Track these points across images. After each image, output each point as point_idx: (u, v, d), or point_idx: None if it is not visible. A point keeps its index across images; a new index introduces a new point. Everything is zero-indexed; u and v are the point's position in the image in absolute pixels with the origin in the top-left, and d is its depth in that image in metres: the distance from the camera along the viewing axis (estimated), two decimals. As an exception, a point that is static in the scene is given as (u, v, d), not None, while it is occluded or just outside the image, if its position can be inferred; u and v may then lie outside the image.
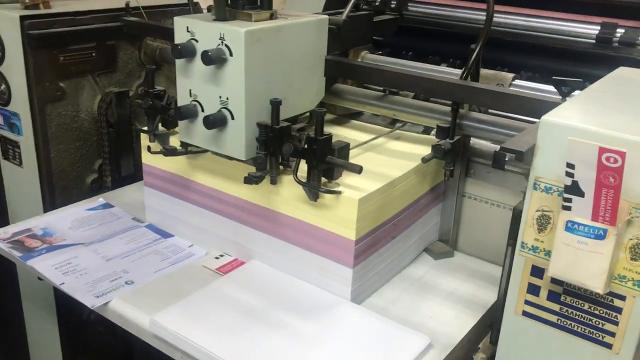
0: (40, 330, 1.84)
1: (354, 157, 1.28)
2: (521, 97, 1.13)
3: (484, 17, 1.92)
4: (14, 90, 1.58)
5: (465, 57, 1.44)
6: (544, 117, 0.87)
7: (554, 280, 0.92)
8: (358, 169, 1.12)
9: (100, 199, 1.62)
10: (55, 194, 1.67)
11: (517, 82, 1.39)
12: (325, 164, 1.14)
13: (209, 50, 1.12)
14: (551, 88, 1.36)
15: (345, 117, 1.59)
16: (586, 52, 1.78)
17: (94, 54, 1.66)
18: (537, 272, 0.95)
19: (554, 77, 1.10)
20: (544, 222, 0.92)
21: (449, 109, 1.32)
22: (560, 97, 1.10)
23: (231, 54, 1.13)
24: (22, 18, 1.50)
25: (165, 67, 1.81)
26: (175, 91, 1.27)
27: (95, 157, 1.74)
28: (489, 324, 1.28)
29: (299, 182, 1.16)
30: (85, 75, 1.66)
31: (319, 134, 1.12)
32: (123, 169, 1.76)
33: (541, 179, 0.90)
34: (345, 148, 1.18)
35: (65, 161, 1.67)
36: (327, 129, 1.15)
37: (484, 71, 1.37)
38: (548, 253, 0.92)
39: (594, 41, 1.73)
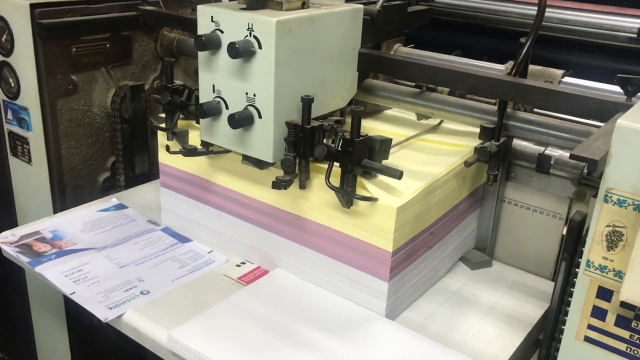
0: (49, 335, 1.76)
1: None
2: (581, 96, 1.02)
3: (518, 10, 1.85)
4: (23, 83, 1.49)
5: (494, 52, 1.35)
6: (620, 122, 0.77)
7: (625, 305, 0.82)
8: (398, 174, 1.02)
9: (113, 199, 1.53)
10: (66, 193, 1.58)
11: (566, 79, 1.28)
12: (362, 168, 1.04)
13: (236, 42, 1.02)
14: (603, 86, 1.26)
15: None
16: (626, 48, 1.67)
17: (108, 45, 1.56)
18: (604, 294, 0.84)
19: (618, 75, 0.99)
20: (615, 239, 0.81)
21: (492, 107, 1.22)
22: (625, 97, 0.99)
23: (260, 46, 1.03)
24: (32, 6, 1.40)
25: (182, 60, 1.71)
26: (192, 85, 1.17)
27: (108, 154, 1.65)
28: (534, 342, 1.19)
29: (332, 187, 1.06)
30: (98, 67, 1.56)
31: (355, 135, 1.02)
32: (137, 167, 1.67)
33: (613, 191, 0.79)
34: (387, 142, 1.07)
35: (77, 158, 1.58)
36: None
37: (530, 67, 1.27)
38: (618, 274, 0.82)
39: (635, 35, 1.62)
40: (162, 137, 1.33)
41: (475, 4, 1.93)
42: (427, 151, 1.28)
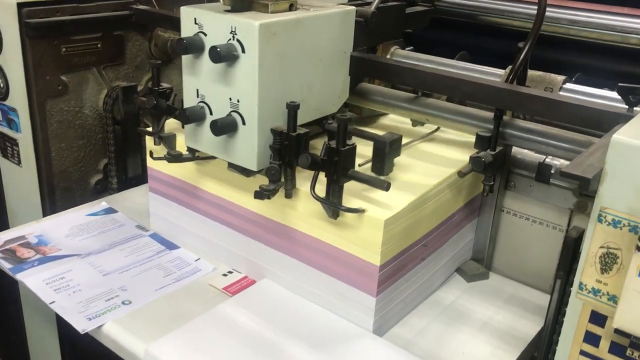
0: (40, 339, 1.74)
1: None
2: (581, 106, 0.96)
3: (525, 10, 1.79)
4: (11, 83, 1.46)
5: (501, 54, 1.29)
6: (615, 137, 0.72)
7: (619, 331, 0.77)
8: (385, 186, 0.97)
9: (103, 203, 1.49)
10: (56, 196, 1.55)
11: (568, 85, 1.23)
12: (348, 179, 1.00)
13: (218, 45, 0.98)
14: (607, 93, 1.20)
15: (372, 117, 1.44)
16: (637, 50, 1.61)
17: (99, 45, 1.52)
18: (598, 319, 0.79)
19: (619, 84, 0.94)
20: (609, 262, 0.76)
21: (489, 115, 1.17)
22: (627, 107, 0.94)
23: (243, 51, 0.99)
24: (20, 5, 1.37)
25: (177, 61, 1.67)
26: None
27: (100, 156, 1.62)
28: (530, 358, 1.14)
29: (317, 198, 1.01)
30: (89, 68, 1.53)
31: (341, 144, 0.98)
32: (130, 170, 1.63)
33: (608, 210, 0.74)
34: (397, 141, 1.04)
35: (67, 161, 1.55)
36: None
37: (530, 72, 1.21)
38: (612, 298, 0.77)
39: (647, 38, 1.56)
40: (150, 142, 1.29)
41: (482, 3, 1.87)
42: (422, 160, 1.23)
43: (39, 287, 1.17)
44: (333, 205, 1.01)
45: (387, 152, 1.04)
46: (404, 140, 1.30)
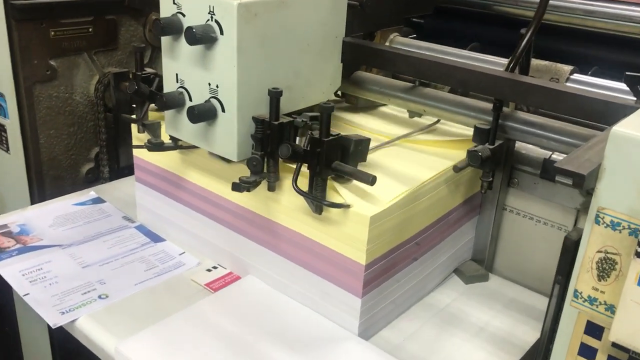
0: (31, 333, 1.70)
1: (374, 155, 1.09)
2: (583, 97, 0.88)
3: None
4: (-2, 67, 1.42)
5: (514, 44, 1.22)
6: (615, 129, 0.64)
7: (618, 345, 0.69)
8: (370, 180, 0.90)
9: (91, 193, 1.45)
10: (45, 184, 1.50)
11: (576, 76, 1.14)
12: (332, 171, 0.93)
13: (194, 26, 0.92)
14: (619, 85, 1.12)
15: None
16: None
17: (90, 30, 1.48)
18: (594, 330, 0.72)
19: (627, 73, 0.86)
20: (607, 268, 0.69)
21: (490, 106, 1.09)
22: (635, 99, 0.86)
23: (222, 32, 0.93)
24: (6, -14, 1.33)
25: (173, 47, 1.62)
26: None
27: (92, 144, 1.57)
28: (526, 370, 1.07)
29: (299, 191, 0.95)
30: (80, 52, 1.48)
31: (324, 135, 0.91)
32: (122, 159, 1.59)
33: (606, 211, 0.67)
34: (364, 143, 0.96)
35: (57, 148, 1.50)
36: (348, 117, 0.93)
37: (535, 62, 1.13)
38: (610, 308, 0.70)
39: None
40: (135, 130, 1.24)
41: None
42: (418, 153, 1.16)
43: (14, 278, 1.13)
44: (316, 199, 0.95)
45: (351, 151, 0.96)
46: (403, 131, 1.24)
